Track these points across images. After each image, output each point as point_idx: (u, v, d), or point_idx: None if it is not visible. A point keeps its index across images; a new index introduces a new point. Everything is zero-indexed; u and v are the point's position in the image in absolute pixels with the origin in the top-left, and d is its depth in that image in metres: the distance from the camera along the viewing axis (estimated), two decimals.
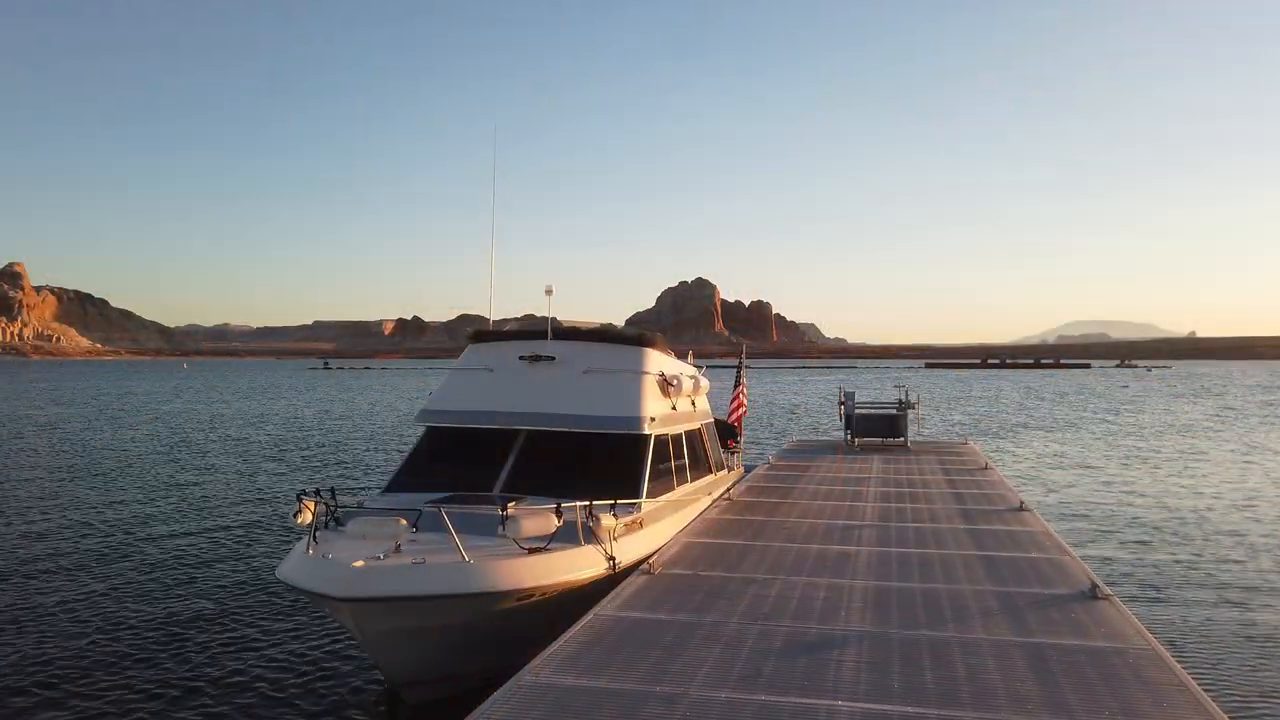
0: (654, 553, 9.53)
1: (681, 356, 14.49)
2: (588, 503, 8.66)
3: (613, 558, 8.86)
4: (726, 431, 17.23)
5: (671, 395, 12.01)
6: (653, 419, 10.94)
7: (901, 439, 20.77)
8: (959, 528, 10.82)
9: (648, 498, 10.34)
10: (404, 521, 7.74)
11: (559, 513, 8.24)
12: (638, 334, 11.86)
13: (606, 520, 8.77)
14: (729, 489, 13.66)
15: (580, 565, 8.50)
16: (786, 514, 11.80)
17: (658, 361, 11.91)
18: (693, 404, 13.40)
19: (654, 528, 10.07)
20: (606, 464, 10.71)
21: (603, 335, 11.80)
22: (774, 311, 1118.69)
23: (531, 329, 11.84)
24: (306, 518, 8.37)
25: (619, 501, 9.34)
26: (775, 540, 10.08)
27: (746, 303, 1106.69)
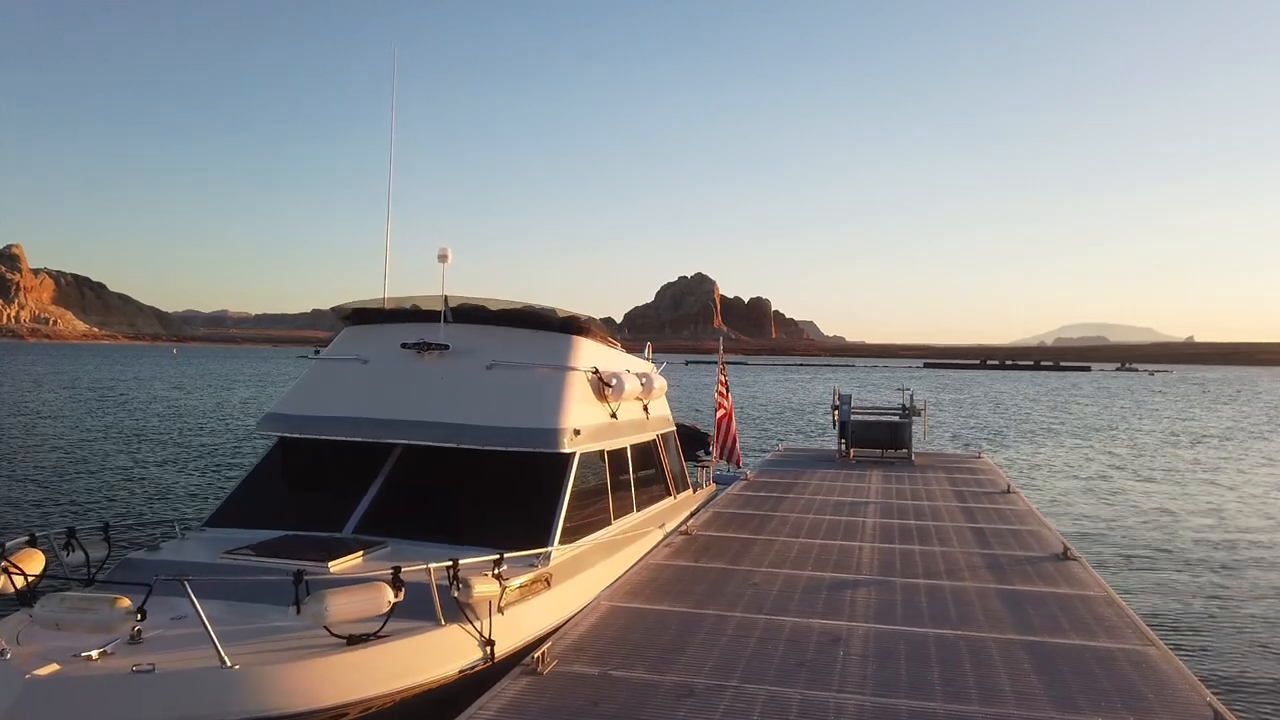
0: (559, 627, 6.70)
1: (636, 350, 11.62)
2: (449, 563, 5.81)
3: (489, 642, 6.02)
4: (696, 441, 14.40)
5: (610, 399, 9.14)
6: (577, 431, 8.07)
7: (904, 450, 17.89)
8: (988, 588, 7.96)
9: (563, 543, 7.49)
10: (126, 602, 4.89)
11: (397, 582, 5.41)
12: (565, 317, 8.95)
13: (482, 587, 5.92)
14: (688, 519, 10.79)
15: (434, 660, 5.66)
16: (757, 559, 8.93)
17: (591, 354, 9.01)
18: (644, 409, 10.54)
19: (567, 587, 7.21)
20: (507, 495, 7.86)
21: (517, 317, 8.90)
22: (773, 308, 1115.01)
23: (421, 308, 8.93)
24: (8, 585, 5.57)
25: (509, 555, 6.51)
26: (733, 608, 7.20)
27: (746, 299, 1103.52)
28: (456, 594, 5.76)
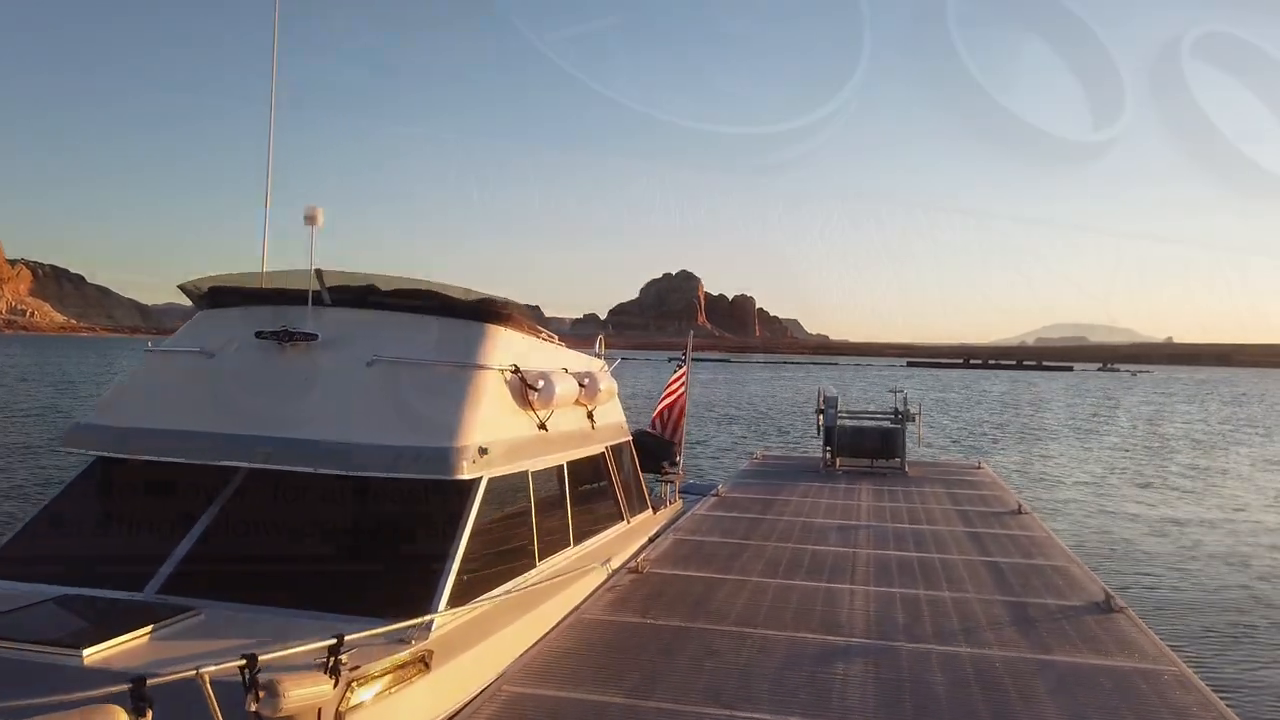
0: None
1: (579, 345, 9.65)
2: (241, 661, 3.86)
3: None
4: (662, 451, 12.46)
5: (537, 405, 7.18)
6: (484, 450, 6.11)
7: (897, 460, 16.02)
8: (1022, 659, 6.07)
9: (459, 602, 5.55)
10: None
11: (140, 698, 3.47)
12: (475, 300, 6.96)
13: (300, 690, 3.97)
14: (641, 550, 8.85)
15: None
16: (721, 611, 6.99)
17: (510, 348, 7.01)
18: (589, 417, 8.60)
19: (454, 668, 5.22)
20: (381, 540, 5.91)
21: (412, 300, 6.91)
22: (757, 306, 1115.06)
23: (283, 287, 6.91)
24: None
25: (360, 635, 4.56)
26: (683, 698, 5.25)
27: (730, 296, 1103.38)
28: (256, 707, 3.82)
